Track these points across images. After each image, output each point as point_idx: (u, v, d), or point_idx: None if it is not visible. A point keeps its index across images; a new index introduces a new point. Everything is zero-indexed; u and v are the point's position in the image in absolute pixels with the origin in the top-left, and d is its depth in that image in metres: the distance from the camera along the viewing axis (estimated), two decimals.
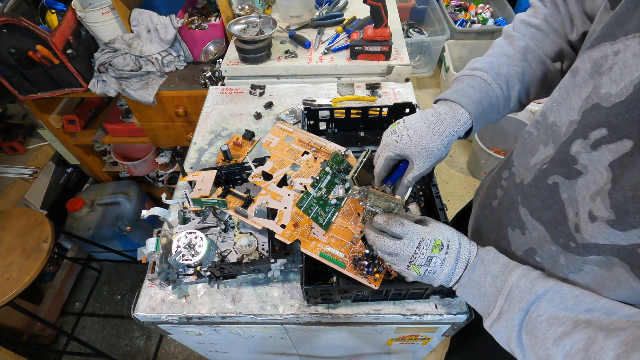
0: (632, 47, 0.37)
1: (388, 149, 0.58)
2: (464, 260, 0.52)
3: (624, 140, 0.37)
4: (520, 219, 0.52)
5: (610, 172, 0.39)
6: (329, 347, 0.93)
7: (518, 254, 0.54)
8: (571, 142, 0.43)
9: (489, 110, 0.58)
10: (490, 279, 0.49)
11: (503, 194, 0.58)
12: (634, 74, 0.36)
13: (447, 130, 0.55)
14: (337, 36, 1.30)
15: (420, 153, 0.56)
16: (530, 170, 0.51)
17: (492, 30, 2.49)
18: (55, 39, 1.29)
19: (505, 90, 0.58)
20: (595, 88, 0.40)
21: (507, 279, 0.48)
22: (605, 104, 0.39)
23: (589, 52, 0.43)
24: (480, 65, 0.59)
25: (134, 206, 1.87)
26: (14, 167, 1.72)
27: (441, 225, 0.55)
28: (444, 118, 0.56)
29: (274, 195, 0.71)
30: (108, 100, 1.96)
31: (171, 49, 1.47)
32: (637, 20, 0.37)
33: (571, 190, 0.44)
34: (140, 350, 1.75)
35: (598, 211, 0.40)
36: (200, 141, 1.01)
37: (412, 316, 0.68)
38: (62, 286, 1.88)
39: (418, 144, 0.56)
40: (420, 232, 0.53)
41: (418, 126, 0.56)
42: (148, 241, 0.69)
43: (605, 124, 0.39)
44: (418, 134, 0.56)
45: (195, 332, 0.78)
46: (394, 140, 0.57)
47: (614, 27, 0.40)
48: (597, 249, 0.41)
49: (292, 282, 0.73)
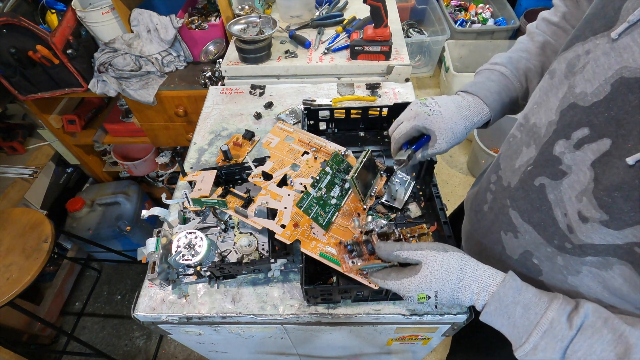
0: (602, 45, 0.38)
1: (418, 118, 0.59)
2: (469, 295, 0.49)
3: (604, 139, 0.38)
4: (511, 222, 0.52)
5: (592, 172, 0.39)
6: (329, 347, 0.93)
7: (514, 257, 0.54)
8: (553, 142, 0.44)
9: (507, 103, 0.60)
10: (521, 309, 0.45)
11: (493, 198, 0.58)
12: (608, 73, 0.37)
13: (473, 117, 0.59)
14: (337, 36, 1.30)
15: (446, 132, 0.58)
16: (515, 172, 0.51)
17: (492, 30, 2.49)
18: (55, 39, 1.29)
19: (524, 83, 0.60)
20: (570, 88, 0.41)
21: (546, 312, 0.43)
22: (582, 103, 0.40)
23: (564, 54, 0.44)
24: (500, 60, 0.62)
25: (134, 206, 1.87)
26: (14, 167, 1.72)
27: (433, 273, 0.49)
28: (471, 105, 0.59)
29: (274, 195, 0.71)
30: (108, 100, 1.96)
31: (171, 49, 1.47)
32: (603, 20, 0.39)
33: (557, 191, 0.44)
34: (140, 350, 1.75)
35: (587, 212, 0.40)
36: (200, 141, 1.01)
37: (412, 316, 0.68)
38: (62, 286, 1.88)
39: (447, 122, 0.58)
40: (399, 288, 0.52)
41: (449, 106, 0.59)
42: (148, 241, 0.69)
43: (586, 124, 0.39)
44: (449, 113, 0.58)
45: (195, 332, 0.78)
46: (425, 113, 0.58)
47: (585, 28, 0.41)
48: (593, 249, 0.41)
49: (292, 282, 0.72)
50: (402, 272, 0.53)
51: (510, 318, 0.45)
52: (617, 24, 0.37)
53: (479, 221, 0.63)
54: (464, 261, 0.49)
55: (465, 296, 0.49)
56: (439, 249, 0.51)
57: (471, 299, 0.49)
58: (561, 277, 0.47)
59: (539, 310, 0.44)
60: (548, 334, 0.42)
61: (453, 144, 0.59)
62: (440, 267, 0.49)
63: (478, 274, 0.48)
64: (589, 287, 0.45)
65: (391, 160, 0.90)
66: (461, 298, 0.49)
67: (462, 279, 0.49)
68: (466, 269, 0.49)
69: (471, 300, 0.49)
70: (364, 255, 0.60)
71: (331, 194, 0.71)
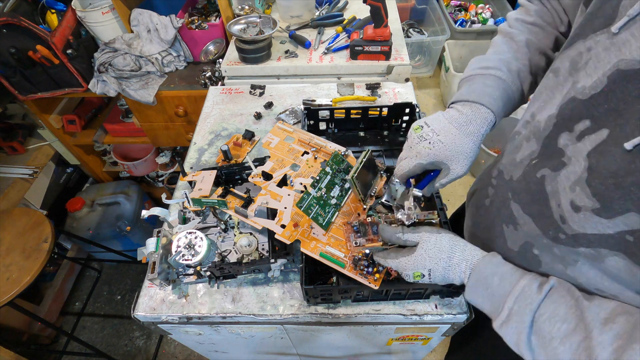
0: (602, 42, 0.39)
1: (420, 156, 0.57)
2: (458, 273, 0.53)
3: (603, 129, 0.38)
4: (512, 214, 0.53)
5: (587, 161, 0.40)
6: (329, 347, 0.93)
7: (515, 249, 0.54)
8: (557, 135, 0.44)
9: (508, 106, 0.60)
10: (497, 279, 0.50)
11: (494, 192, 0.59)
12: (606, 66, 0.38)
13: (478, 131, 0.56)
14: (337, 36, 1.30)
15: (457, 157, 0.56)
16: (518, 166, 0.52)
17: (492, 30, 2.49)
18: (55, 39, 1.29)
19: (519, 84, 0.60)
20: (574, 84, 0.42)
21: (519, 281, 0.48)
22: (580, 96, 0.41)
23: (567, 52, 0.45)
24: (491, 64, 0.60)
25: (134, 206, 1.87)
26: (14, 167, 1.72)
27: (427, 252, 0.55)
28: (472, 119, 0.56)
29: (274, 195, 0.71)
30: (108, 100, 1.96)
31: (171, 49, 1.47)
32: (603, 18, 0.40)
33: (554, 182, 0.44)
34: (140, 350, 1.75)
35: (580, 201, 0.40)
36: (200, 141, 1.01)
37: (412, 316, 0.68)
38: (62, 286, 1.88)
39: (452, 148, 0.55)
40: (398, 266, 0.57)
41: (448, 130, 0.56)
42: (148, 241, 0.69)
43: (587, 116, 0.40)
44: (450, 138, 0.55)
45: (195, 332, 0.78)
46: (426, 148, 0.56)
47: (585, 26, 0.42)
48: (585, 239, 0.42)
49: (292, 282, 0.72)
50: (400, 252, 0.58)
51: (489, 288, 0.50)
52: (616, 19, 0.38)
53: (481, 216, 0.63)
54: (454, 241, 0.55)
55: (455, 274, 0.53)
56: (432, 231, 0.56)
57: (460, 277, 0.53)
58: (561, 268, 0.48)
59: (513, 280, 0.49)
60: (520, 298, 0.47)
61: (469, 164, 0.57)
62: (433, 247, 0.54)
63: (466, 254, 0.53)
64: (587, 277, 0.45)
65: (391, 161, 0.90)
66: (452, 277, 0.54)
67: (452, 257, 0.54)
68: (455, 249, 0.54)
69: (460, 277, 0.53)
70: (369, 235, 0.65)
71: (331, 194, 0.72)
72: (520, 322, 0.46)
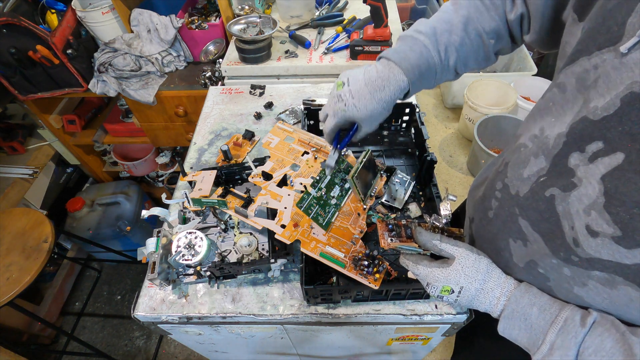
0: (610, 61, 0.38)
1: (337, 116, 0.63)
2: (490, 298, 0.53)
3: (617, 153, 0.37)
4: (521, 230, 0.52)
5: (602, 185, 0.39)
6: (329, 347, 0.93)
7: (520, 265, 0.54)
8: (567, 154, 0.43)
9: (426, 76, 0.62)
10: (537, 310, 0.48)
11: (498, 205, 0.58)
12: (619, 87, 0.37)
13: (389, 97, 0.60)
14: (337, 36, 1.30)
15: (367, 120, 0.62)
16: (524, 182, 0.51)
17: None
18: (55, 39, 1.29)
19: (444, 58, 0.61)
20: (585, 102, 0.41)
21: (560, 312, 0.46)
22: (592, 117, 0.39)
23: (570, 68, 0.44)
24: (424, 30, 0.62)
25: (134, 206, 1.87)
26: (14, 167, 1.72)
27: (464, 269, 0.54)
28: (386, 85, 0.60)
29: (274, 195, 0.71)
30: (108, 100, 1.96)
31: (171, 49, 1.47)
32: (606, 34, 0.38)
33: (565, 203, 0.43)
34: (140, 350, 1.75)
35: (598, 226, 0.39)
36: (200, 141, 1.01)
37: (412, 316, 0.68)
38: (62, 286, 1.88)
39: (363, 112, 0.61)
40: (427, 276, 0.56)
41: (363, 94, 0.61)
42: (148, 241, 0.69)
43: (599, 137, 0.39)
44: (363, 103, 0.60)
45: (195, 332, 0.78)
46: (341, 110, 0.62)
47: (588, 42, 0.41)
48: (600, 264, 0.41)
49: (292, 282, 0.73)
50: (434, 261, 0.57)
51: (527, 319, 0.48)
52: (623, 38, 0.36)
53: (484, 227, 0.62)
54: (492, 266, 0.54)
55: (486, 299, 0.52)
56: (473, 250, 0.55)
57: (491, 302, 0.52)
58: (567, 287, 0.47)
59: (554, 311, 0.47)
60: (563, 331, 0.45)
61: (377, 124, 0.64)
62: (471, 266, 0.53)
63: (501, 281, 0.53)
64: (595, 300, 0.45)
65: (391, 161, 0.90)
66: (482, 300, 0.53)
67: (487, 280, 0.53)
68: (492, 274, 0.53)
69: (490, 304, 0.52)
70: (402, 237, 0.64)
71: (331, 194, 0.72)
72: (565, 356, 0.44)
